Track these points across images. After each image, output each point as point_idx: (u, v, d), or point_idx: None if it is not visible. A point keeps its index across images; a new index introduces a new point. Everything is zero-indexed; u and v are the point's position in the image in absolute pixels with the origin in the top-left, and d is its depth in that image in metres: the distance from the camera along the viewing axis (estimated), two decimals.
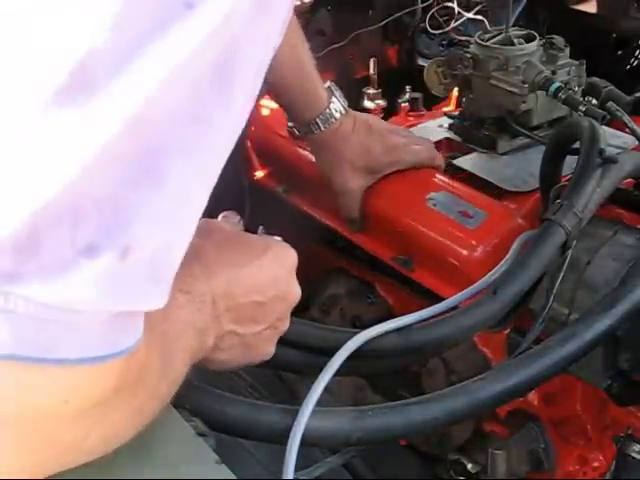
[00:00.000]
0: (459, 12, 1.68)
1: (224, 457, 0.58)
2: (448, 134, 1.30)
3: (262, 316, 0.68)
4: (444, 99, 1.46)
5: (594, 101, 1.20)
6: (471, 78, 1.21)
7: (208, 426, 0.65)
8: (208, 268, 0.64)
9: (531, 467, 1.11)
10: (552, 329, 0.89)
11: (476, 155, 1.24)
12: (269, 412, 0.72)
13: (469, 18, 1.68)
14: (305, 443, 0.70)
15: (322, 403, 0.72)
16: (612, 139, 1.09)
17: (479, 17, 1.67)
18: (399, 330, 0.85)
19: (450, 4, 1.68)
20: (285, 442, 0.69)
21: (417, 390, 1.13)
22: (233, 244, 0.68)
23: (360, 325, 1.24)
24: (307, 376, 0.81)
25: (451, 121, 1.30)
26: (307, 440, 0.70)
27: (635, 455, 0.98)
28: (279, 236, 0.74)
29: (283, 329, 0.72)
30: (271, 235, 0.74)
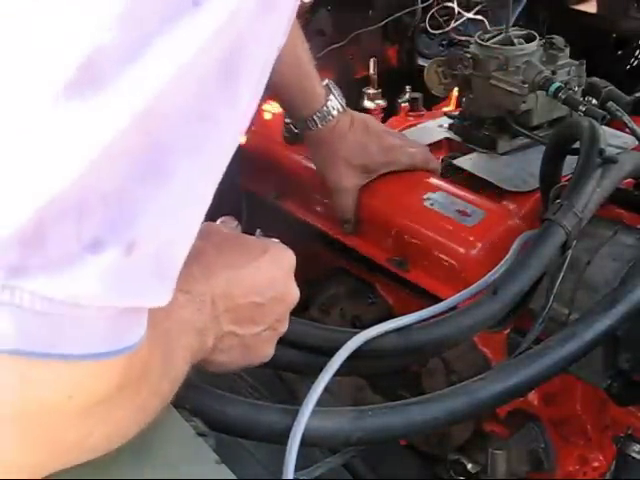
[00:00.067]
0: (459, 12, 1.68)
1: (224, 457, 0.58)
2: (448, 134, 1.30)
3: (261, 317, 0.68)
4: (444, 99, 1.45)
5: (594, 101, 1.20)
6: (471, 78, 1.21)
7: (208, 426, 0.65)
8: (207, 269, 0.64)
9: (531, 467, 1.11)
10: (552, 329, 0.89)
11: (476, 155, 1.24)
12: (269, 412, 0.72)
13: (469, 18, 1.68)
14: (305, 443, 0.70)
15: (322, 403, 0.72)
16: (612, 139, 1.09)
17: (479, 17, 1.67)
18: (399, 330, 0.85)
19: (450, 4, 1.68)
20: (285, 442, 0.69)
21: (417, 390, 1.12)
22: (232, 246, 0.69)
23: (360, 325, 1.24)
24: (307, 376, 0.81)
25: (451, 121, 1.30)
26: (307, 440, 0.70)
27: (635, 455, 0.98)
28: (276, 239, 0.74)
29: (282, 331, 0.72)
30: (269, 237, 0.75)
